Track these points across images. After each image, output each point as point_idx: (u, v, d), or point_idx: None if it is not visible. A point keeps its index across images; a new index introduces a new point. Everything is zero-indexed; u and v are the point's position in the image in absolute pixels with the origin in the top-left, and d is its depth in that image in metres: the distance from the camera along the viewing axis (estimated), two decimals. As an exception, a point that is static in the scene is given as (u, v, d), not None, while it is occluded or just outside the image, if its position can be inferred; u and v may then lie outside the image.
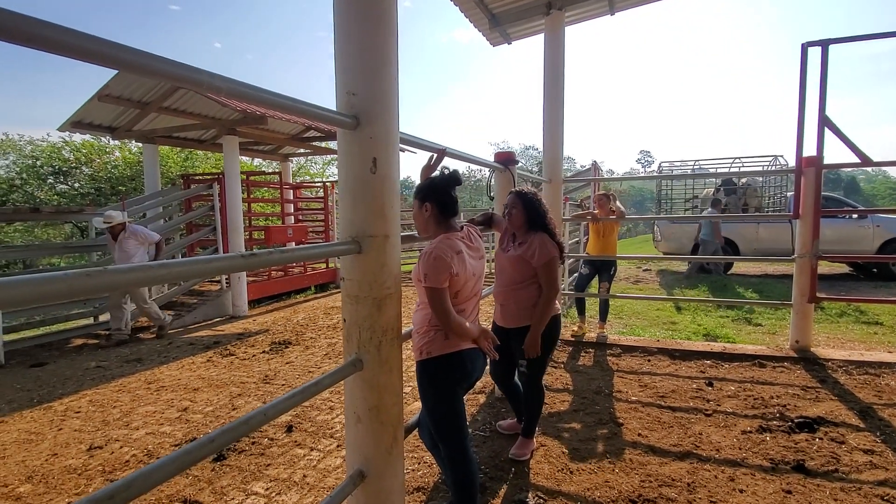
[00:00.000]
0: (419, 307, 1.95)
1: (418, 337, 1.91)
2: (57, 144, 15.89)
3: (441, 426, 1.90)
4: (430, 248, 1.80)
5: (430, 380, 1.89)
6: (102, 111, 6.90)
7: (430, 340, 1.87)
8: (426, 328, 1.88)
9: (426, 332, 1.88)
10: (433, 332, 1.87)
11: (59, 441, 3.14)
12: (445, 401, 1.89)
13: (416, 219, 1.97)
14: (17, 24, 0.73)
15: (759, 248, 9.59)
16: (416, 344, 1.92)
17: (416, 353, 1.91)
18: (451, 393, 1.89)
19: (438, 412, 1.90)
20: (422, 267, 1.78)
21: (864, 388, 3.53)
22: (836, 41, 4.05)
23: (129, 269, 0.92)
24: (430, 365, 1.87)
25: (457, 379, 1.89)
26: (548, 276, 2.48)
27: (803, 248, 4.26)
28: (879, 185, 59.14)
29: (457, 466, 1.90)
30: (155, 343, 5.54)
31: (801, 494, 2.29)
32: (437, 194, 1.92)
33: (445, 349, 1.86)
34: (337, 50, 1.52)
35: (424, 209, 1.92)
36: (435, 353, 1.86)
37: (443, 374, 1.87)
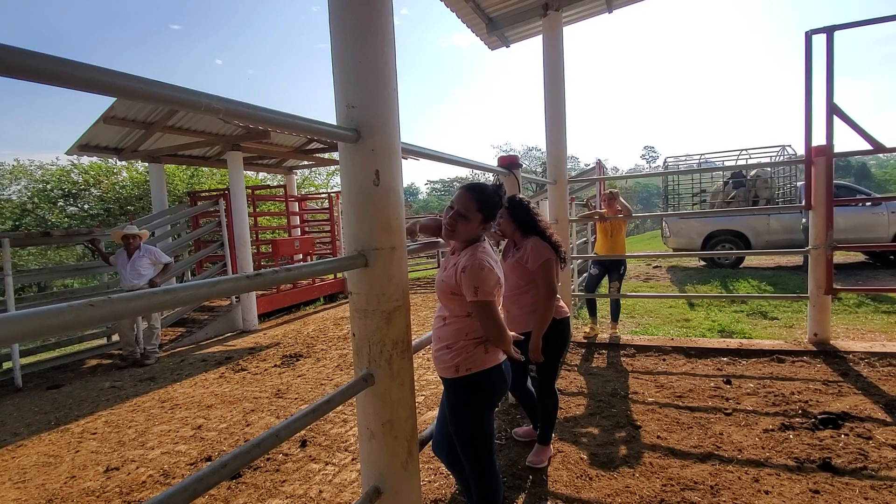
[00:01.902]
0: (448, 321, 1.81)
1: (451, 353, 1.77)
2: (66, 168, 16.13)
3: (472, 444, 1.79)
4: (474, 259, 1.70)
5: (468, 398, 1.77)
6: (108, 133, 6.99)
7: (469, 356, 1.75)
8: (462, 343, 1.76)
9: (463, 348, 1.76)
10: (472, 347, 1.75)
11: (76, 463, 3.15)
12: (482, 418, 1.79)
13: (468, 230, 1.79)
14: (8, 57, 0.72)
15: (771, 241, 9.46)
16: (447, 360, 1.78)
17: (447, 371, 1.77)
18: (489, 408, 1.80)
19: (472, 430, 1.79)
20: (470, 280, 1.67)
21: (889, 380, 3.45)
22: (841, 27, 3.99)
23: (133, 298, 0.91)
24: (470, 382, 1.75)
25: (497, 394, 1.81)
26: (544, 279, 2.45)
27: (817, 240, 4.18)
28: (892, 169, 58.23)
29: (484, 483, 1.82)
30: (168, 361, 5.56)
31: (830, 494, 2.22)
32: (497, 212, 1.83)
33: (486, 364, 1.76)
34: (335, 63, 1.50)
35: (485, 227, 1.81)
36: (475, 370, 1.74)
37: (484, 390, 1.77)
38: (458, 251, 1.83)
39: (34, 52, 0.76)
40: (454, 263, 1.79)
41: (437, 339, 1.85)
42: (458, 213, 1.78)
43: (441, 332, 1.84)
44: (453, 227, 1.78)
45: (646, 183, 55.45)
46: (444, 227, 1.82)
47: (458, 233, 1.79)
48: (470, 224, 1.77)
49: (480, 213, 1.78)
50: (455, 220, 1.78)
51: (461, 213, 1.77)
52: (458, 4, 4.84)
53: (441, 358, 1.81)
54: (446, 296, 1.79)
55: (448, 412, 1.83)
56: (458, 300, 1.75)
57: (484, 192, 1.81)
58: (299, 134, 7.44)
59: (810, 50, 4.02)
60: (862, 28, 4.05)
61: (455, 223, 1.78)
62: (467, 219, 1.77)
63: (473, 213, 1.77)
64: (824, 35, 3.96)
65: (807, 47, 4.03)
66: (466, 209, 1.77)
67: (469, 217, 1.77)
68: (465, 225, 1.77)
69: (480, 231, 1.81)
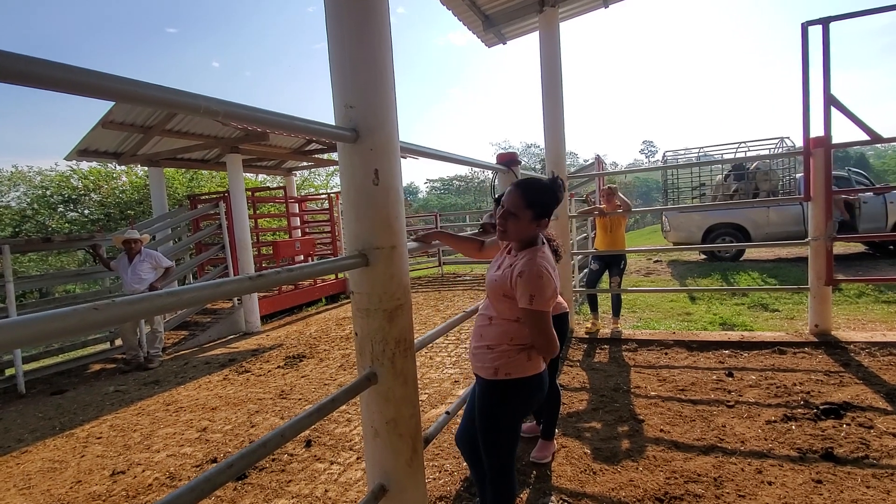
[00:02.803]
0: (494, 322, 1.78)
1: (492, 354, 1.75)
2: (65, 173, 16.17)
3: (498, 445, 1.79)
4: (533, 264, 1.64)
5: (503, 401, 1.76)
6: (107, 138, 7.00)
7: (511, 361, 1.73)
8: (506, 347, 1.74)
9: (506, 352, 1.74)
10: (515, 353, 1.74)
11: (82, 468, 3.16)
12: (512, 422, 1.78)
13: (520, 230, 1.73)
14: (5, 63, 0.73)
15: (771, 233, 9.46)
16: (487, 361, 1.76)
17: (486, 371, 1.76)
18: (519, 415, 1.80)
19: (501, 432, 1.79)
20: (527, 286, 1.62)
21: (889, 369, 3.46)
22: (837, 18, 3.99)
23: (137, 300, 0.92)
24: (507, 386, 1.74)
25: (532, 402, 1.81)
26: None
27: (817, 231, 4.18)
28: (890, 159, 58.11)
29: (502, 483, 1.82)
30: (171, 364, 5.58)
31: (832, 483, 2.24)
32: (555, 208, 1.77)
33: (527, 371, 1.74)
34: (332, 64, 1.51)
35: (539, 224, 1.74)
36: (515, 375, 1.73)
37: (520, 396, 1.76)
38: (515, 251, 1.78)
39: (30, 57, 0.77)
40: (510, 264, 1.73)
41: (478, 337, 1.82)
42: (508, 211, 1.73)
43: (485, 330, 1.80)
44: (504, 226, 1.74)
45: (645, 177, 55.41)
46: (497, 227, 1.78)
47: (509, 232, 1.74)
48: (520, 222, 1.72)
49: (530, 209, 1.71)
50: (505, 219, 1.73)
51: (510, 212, 1.73)
52: (454, 2, 4.84)
53: (480, 357, 1.79)
54: (497, 296, 1.75)
55: (478, 411, 1.81)
56: (509, 303, 1.71)
57: (532, 186, 1.75)
58: (298, 135, 7.46)
59: (806, 41, 4.02)
60: (860, 19, 4.05)
61: (505, 223, 1.73)
62: (517, 217, 1.72)
63: (522, 210, 1.71)
64: (820, 26, 3.96)
65: (803, 39, 4.04)
66: (515, 206, 1.72)
67: (518, 215, 1.71)
68: (516, 224, 1.72)
69: (534, 229, 1.75)
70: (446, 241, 2.26)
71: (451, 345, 5.17)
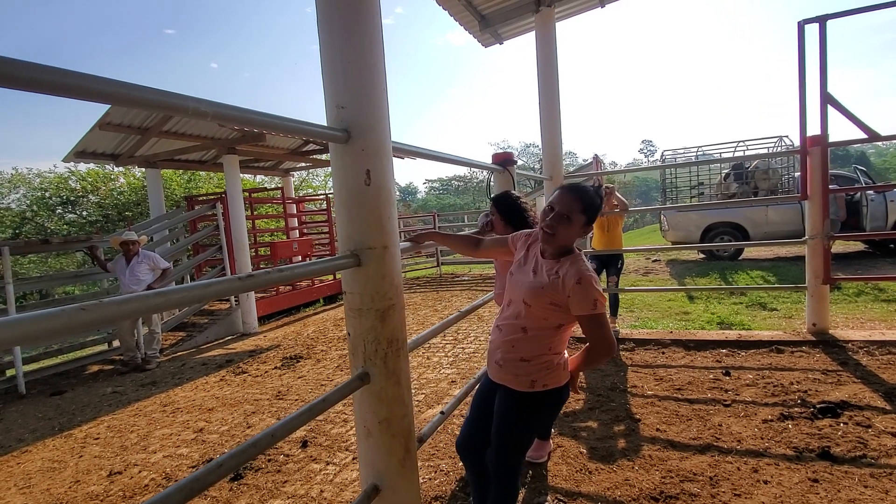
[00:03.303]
0: (530, 332, 1.71)
1: (529, 366, 1.71)
2: (63, 175, 16.16)
3: (516, 451, 1.79)
4: (585, 271, 1.61)
5: (538, 412, 1.75)
6: (104, 139, 7.00)
7: (551, 373, 1.71)
8: (546, 358, 1.70)
9: (546, 364, 1.70)
10: (554, 363, 1.71)
11: (80, 468, 3.17)
12: (536, 430, 1.79)
13: (570, 235, 1.67)
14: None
15: (770, 232, 9.45)
16: (523, 374, 1.71)
17: (521, 384, 1.72)
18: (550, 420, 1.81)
19: (525, 440, 1.79)
20: (589, 292, 1.58)
21: (888, 368, 3.45)
22: (834, 16, 3.99)
23: (125, 301, 0.91)
24: (544, 397, 1.72)
25: (560, 408, 1.82)
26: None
27: (814, 230, 4.18)
28: (891, 157, 58.12)
29: (510, 482, 1.82)
30: (168, 366, 5.58)
31: (829, 483, 2.23)
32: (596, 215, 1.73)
33: (563, 380, 1.74)
34: (324, 64, 1.51)
35: (585, 231, 1.72)
36: (552, 386, 1.71)
37: (555, 404, 1.77)
38: (552, 257, 1.72)
39: (22, 61, 0.77)
40: (555, 271, 1.66)
41: (509, 348, 1.75)
42: (561, 213, 1.65)
43: (518, 342, 1.73)
44: (554, 230, 1.65)
45: (644, 177, 55.44)
46: (543, 229, 1.69)
47: (558, 237, 1.66)
48: (572, 227, 1.66)
49: (584, 214, 1.66)
50: (557, 222, 1.65)
51: (564, 215, 1.64)
52: (450, 2, 4.84)
53: (512, 369, 1.74)
54: (542, 304, 1.67)
55: (506, 423, 1.77)
56: (557, 311, 1.66)
57: (587, 192, 1.69)
58: (290, 136, 7.46)
59: (803, 40, 4.02)
60: (861, 16, 4.05)
61: (557, 226, 1.65)
62: (570, 221, 1.64)
63: (577, 214, 1.65)
64: (817, 25, 3.96)
65: (799, 37, 4.03)
66: (570, 210, 1.64)
67: (572, 219, 1.65)
68: (567, 228, 1.65)
69: (582, 234, 1.71)
70: (441, 241, 2.24)
71: (448, 345, 5.17)
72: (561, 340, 1.74)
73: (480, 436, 1.92)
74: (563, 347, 1.77)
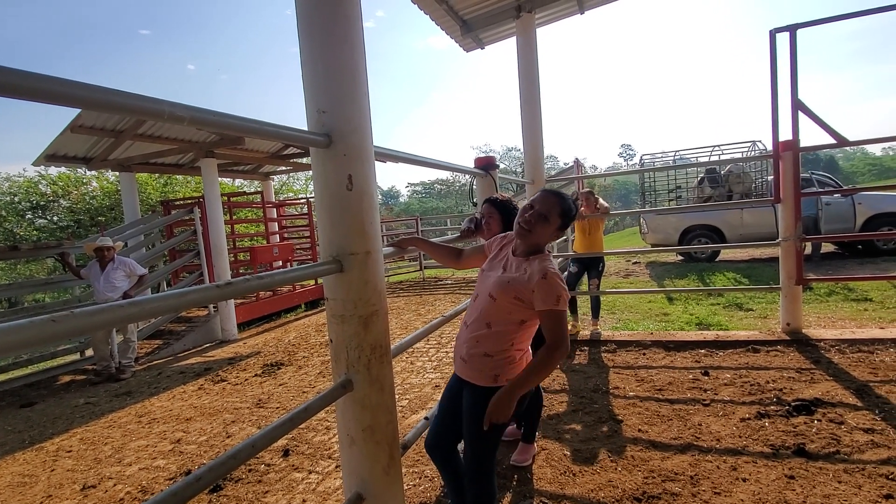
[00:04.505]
0: (494, 327, 1.76)
1: (492, 361, 1.74)
2: (33, 179, 15.66)
3: (485, 448, 1.81)
4: (551, 267, 1.68)
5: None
6: (76, 142, 6.81)
7: (513, 367, 1.74)
8: (508, 353, 1.74)
9: (508, 358, 1.74)
10: (516, 358, 1.75)
11: (52, 482, 3.06)
12: (505, 426, 1.78)
13: (545, 234, 1.76)
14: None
15: (745, 234, 9.69)
16: (486, 369, 1.75)
17: (485, 379, 1.75)
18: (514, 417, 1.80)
19: (493, 438, 1.80)
20: (553, 288, 1.63)
21: (858, 365, 3.56)
22: (803, 25, 4.11)
23: (97, 311, 0.88)
24: None
25: (524, 404, 1.82)
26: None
27: (787, 232, 4.30)
28: (858, 161, 60.31)
29: (485, 483, 1.83)
30: (144, 375, 5.43)
31: (804, 479, 2.29)
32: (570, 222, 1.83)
33: None
34: (304, 69, 1.49)
35: (559, 234, 1.80)
36: None
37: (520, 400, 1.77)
38: (523, 255, 1.78)
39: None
40: (524, 269, 1.73)
41: (473, 343, 1.79)
42: (540, 213, 1.74)
43: (482, 337, 1.77)
44: (531, 226, 1.74)
45: (624, 180, 56.33)
46: (520, 224, 1.77)
47: (534, 234, 1.75)
48: (548, 227, 1.75)
49: (560, 218, 1.76)
50: (535, 220, 1.74)
51: (543, 214, 1.74)
52: (431, 7, 4.85)
53: (477, 365, 1.77)
54: (508, 299, 1.72)
55: (477, 417, 1.76)
56: (521, 307, 1.70)
57: (567, 199, 1.80)
58: (273, 140, 7.37)
59: (774, 48, 4.14)
60: (834, 24, 4.18)
61: (535, 224, 1.74)
62: (547, 221, 1.74)
63: (554, 216, 1.75)
64: (787, 33, 4.08)
65: (771, 45, 4.15)
66: (549, 211, 1.74)
67: (549, 220, 1.74)
68: (543, 227, 1.75)
69: (554, 237, 1.80)
70: (423, 248, 2.23)
71: (431, 349, 5.15)
72: (524, 337, 1.77)
73: (447, 434, 1.94)
74: (527, 344, 1.80)
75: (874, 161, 59.38)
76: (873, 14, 3.98)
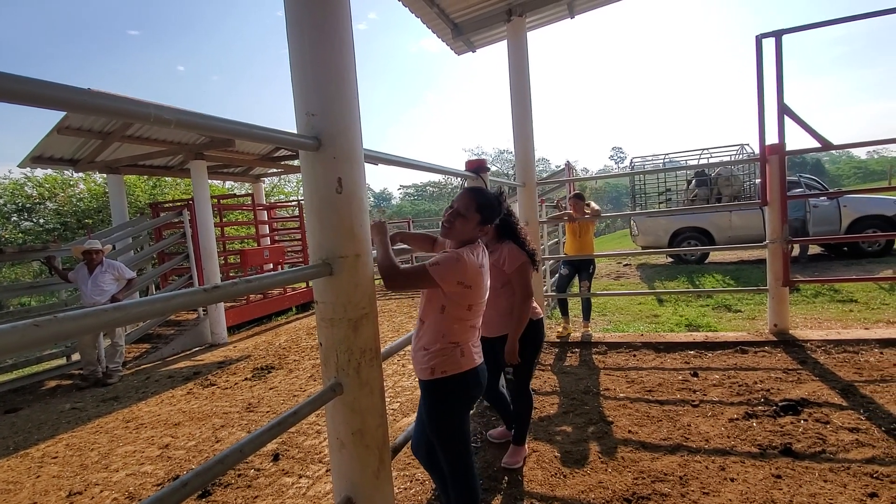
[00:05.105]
0: (426, 322, 1.83)
1: (427, 355, 1.79)
2: (19, 181, 15.41)
3: (449, 445, 1.82)
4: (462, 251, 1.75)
5: (443, 398, 1.79)
6: (63, 144, 6.72)
7: (445, 359, 1.77)
8: (439, 346, 1.78)
9: (440, 351, 1.77)
10: (449, 350, 1.78)
11: (37, 489, 3.01)
12: (457, 419, 1.81)
13: (464, 229, 1.82)
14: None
15: (734, 236, 9.80)
16: (424, 362, 1.80)
17: (423, 372, 1.80)
18: (465, 410, 1.83)
19: (448, 431, 1.82)
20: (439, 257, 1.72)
21: (843, 366, 3.61)
22: (789, 31, 4.18)
23: (81, 316, 0.87)
24: (445, 384, 1.78)
25: (471, 397, 1.84)
26: (520, 282, 2.48)
27: (774, 234, 4.35)
28: (844, 165, 61.22)
29: (462, 482, 1.84)
30: (132, 379, 5.36)
31: (791, 478, 2.31)
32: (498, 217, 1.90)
33: (462, 367, 1.79)
34: (293, 72, 1.49)
35: (483, 231, 1.86)
36: (451, 372, 1.77)
37: (458, 392, 1.80)
38: (452, 248, 1.86)
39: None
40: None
41: (416, 340, 1.87)
42: (457, 211, 1.83)
43: (420, 333, 1.85)
44: (451, 224, 1.83)
45: (616, 183, 56.74)
46: (442, 224, 1.87)
47: (454, 230, 1.83)
48: (467, 223, 1.82)
49: (479, 213, 1.83)
50: (454, 218, 1.83)
51: (460, 212, 1.82)
52: (423, 10, 4.86)
53: (418, 359, 1.83)
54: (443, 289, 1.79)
55: (425, 413, 1.86)
56: (435, 293, 1.76)
57: (484, 194, 1.89)
58: (261, 143, 7.33)
59: (761, 53, 4.20)
60: (821, 30, 4.25)
61: (454, 221, 1.83)
62: (465, 218, 1.82)
63: (472, 213, 1.82)
64: (773, 39, 4.14)
65: (757, 50, 4.21)
66: (466, 208, 1.82)
67: (467, 216, 1.82)
68: (463, 224, 1.82)
69: (477, 233, 1.85)
70: (407, 241, 2.32)
71: (423, 352, 5.14)
72: (451, 328, 1.78)
73: (423, 437, 1.98)
74: (458, 337, 1.80)
75: (859, 164, 60.33)
76: (857, 20, 4.06)
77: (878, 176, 46.96)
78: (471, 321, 1.82)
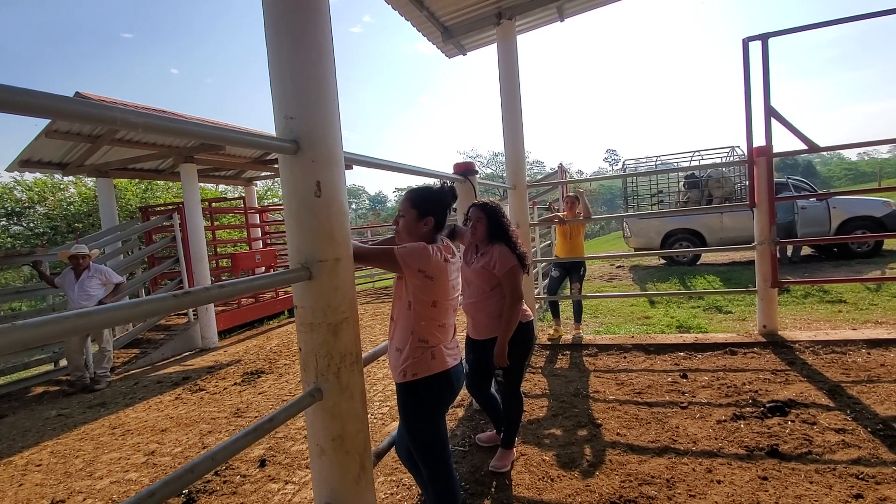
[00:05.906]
0: (396, 320, 1.85)
1: (400, 356, 1.80)
2: (8, 185, 15.28)
3: (424, 447, 1.83)
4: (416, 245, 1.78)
5: (415, 401, 1.79)
6: (51, 147, 6.66)
7: (416, 361, 1.77)
8: (410, 348, 1.78)
9: (411, 353, 1.78)
10: (419, 353, 1.78)
11: (20, 498, 2.97)
12: (430, 421, 1.81)
13: (407, 226, 1.86)
14: None
15: (725, 238, 9.85)
16: (397, 364, 1.80)
17: (397, 375, 1.80)
18: (437, 413, 1.83)
19: (422, 433, 1.82)
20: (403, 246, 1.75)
21: (831, 366, 3.63)
22: (775, 34, 4.21)
23: (41, 323, 0.85)
24: (417, 386, 1.78)
25: (444, 399, 1.84)
26: (510, 284, 2.47)
27: (762, 235, 4.38)
28: (835, 166, 61.76)
29: (440, 486, 1.84)
30: (120, 385, 5.31)
31: (777, 480, 2.32)
32: (441, 210, 1.90)
33: (433, 370, 1.79)
34: (272, 75, 1.48)
35: (425, 222, 1.86)
36: (422, 375, 1.77)
37: (430, 395, 1.79)
38: None
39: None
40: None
41: (391, 341, 1.89)
42: (398, 213, 1.91)
43: (393, 333, 1.87)
44: (396, 225, 1.90)
45: (610, 185, 56.93)
46: (393, 227, 1.94)
47: (399, 231, 1.90)
48: (407, 221, 1.86)
49: (415, 208, 1.86)
50: (397, 220, 1.91)
51: (399, 212, 1.90)
52: (412, 13, 4.86)
53: (392, 361, 1.84)
54: (397, 282, 1.85)
55: (401, 414, 1.87)
56: (402, 288, 1.80)
57: (418, 190, 1.93)
58: (239, 147, 7.31)
59: (747, 56, 4.23)
60: (812, 32, 4.28)
61: (397, 221, 1.90)
62: (404, 217, 1.87)
63: (408, 209, 1.86)
64: (760, 42, 4.17)
65: (744, 54, 4.24)
66: (403, 208, 1.89)
67: (406, 215, 1.87)
68: (405, 223, 1.87)
69: (422, 228, 1.86)
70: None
71: (414, 355, 5.12)
72: (419, 326, 1.78)
73: (405, 439, 1.97)
74: (427, 336, 1.79)
75: (850, 166, 60.90)
76: (842, 24, 4.09)
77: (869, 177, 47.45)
78: (439, 320, 1.82)
